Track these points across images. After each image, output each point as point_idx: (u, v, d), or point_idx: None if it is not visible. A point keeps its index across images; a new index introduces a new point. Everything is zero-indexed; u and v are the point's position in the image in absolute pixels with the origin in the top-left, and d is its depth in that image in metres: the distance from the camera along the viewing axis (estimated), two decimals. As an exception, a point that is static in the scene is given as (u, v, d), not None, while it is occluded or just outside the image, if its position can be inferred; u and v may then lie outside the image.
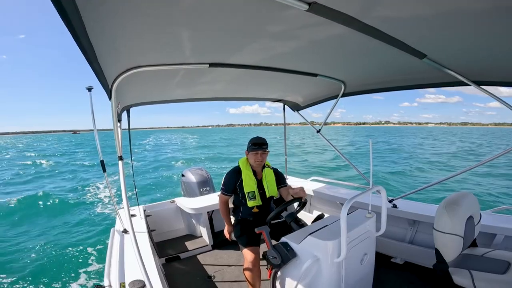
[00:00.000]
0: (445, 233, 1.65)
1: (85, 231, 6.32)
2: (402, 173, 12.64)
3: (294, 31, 1.28)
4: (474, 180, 10.84)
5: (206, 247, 3.09)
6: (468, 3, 0.95)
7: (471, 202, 1.81)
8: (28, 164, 19.87)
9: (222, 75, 2.07)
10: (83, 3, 0.79)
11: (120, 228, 2.28)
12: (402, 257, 2.57)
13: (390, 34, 1.24)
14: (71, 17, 0.80)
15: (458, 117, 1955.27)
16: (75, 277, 4.24)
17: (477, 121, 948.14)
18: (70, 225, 6.76)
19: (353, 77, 2.32)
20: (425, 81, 2.17)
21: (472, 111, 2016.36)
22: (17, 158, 25.08)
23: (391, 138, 48.24)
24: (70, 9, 0.77)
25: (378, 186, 1.73)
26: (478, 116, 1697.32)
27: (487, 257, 1.77)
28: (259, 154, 2.18)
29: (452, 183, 9.55)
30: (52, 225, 6.81)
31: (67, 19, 0.79)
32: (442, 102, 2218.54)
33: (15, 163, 21.08)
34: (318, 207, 3.52)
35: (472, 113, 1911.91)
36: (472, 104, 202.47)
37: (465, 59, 1.59)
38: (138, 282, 1.43)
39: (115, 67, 1.48)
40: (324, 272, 1.54)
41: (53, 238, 5.95)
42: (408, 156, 20.14)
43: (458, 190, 2.87)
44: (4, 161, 23.35)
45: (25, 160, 22.81)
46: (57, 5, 0.72)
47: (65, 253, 5.14)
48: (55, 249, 5.32)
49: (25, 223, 7.02)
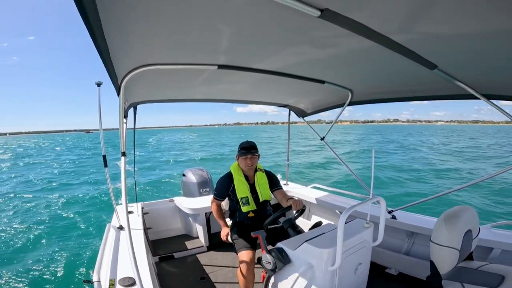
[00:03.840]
0: (442, 245, 1.63)
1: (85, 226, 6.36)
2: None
3: (305, 38, 1.28)
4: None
5: (202, 247, 3.09)
6: (481, 18, 0.95)
7: (470, 216, 1.79)
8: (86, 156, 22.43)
9: (229, 77, 2.08)
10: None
11: (116, 224, 2.29)
12: (396, 268, 2.54)
13: (401, 43, 1.23)
14: (89, 12, 0.81)
15: (470, 114, 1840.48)
16: (65, 272, 4.25)
17: (489, 119, 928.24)
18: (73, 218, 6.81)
19: (360, 85, 2.31)
20: (433, 92, 2.14)
21: (485, 108, 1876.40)
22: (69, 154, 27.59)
23: (380, 137, 47.68)
24: (89, 3, 0.78)
25: (378, 197, 1.72)
26: (490, 113, 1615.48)
27: (481, 271, 1.75)
28: (248, 158, 2.19)
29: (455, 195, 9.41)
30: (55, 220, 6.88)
31: (84, 13, 0.80)
32: None
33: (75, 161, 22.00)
34: (317, 214, 3.50)
35: (484, 110, 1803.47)
36: (485, 102, 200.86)
37: (476, 72, 1.57)
38: (128, 279, 1.42)
39: (126, 64, 1.50)
40: (318, 280, 1.53)
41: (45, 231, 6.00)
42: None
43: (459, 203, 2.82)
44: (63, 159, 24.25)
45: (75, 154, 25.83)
46: (77, 1, 0.73)
47: (59, 248, 5.17)
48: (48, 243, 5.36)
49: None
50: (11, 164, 20.87)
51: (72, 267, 4.36)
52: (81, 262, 4.52)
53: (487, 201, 8.40)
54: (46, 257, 4.71)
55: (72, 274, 4.17)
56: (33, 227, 6.21)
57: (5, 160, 24.13)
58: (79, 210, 7.51)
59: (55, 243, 5.33)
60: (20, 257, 4.74)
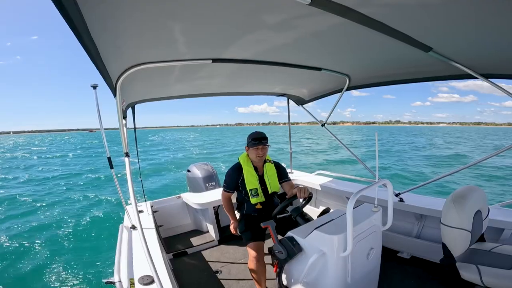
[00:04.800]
0: (452, 227, 1.63)
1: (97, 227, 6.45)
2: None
3: (297, 25, 1.26)
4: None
5: (213, 242, 3.12)
6: None
7: (479, 196, 1.78)
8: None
9: (225, 70, 2.06)
10: (83, 1, 0.79)
11: (128, 224, 2.31)
12: (408, 252, 2.55)
13: (394, 27, 1.21)
14: (72, 15, 0.80)
15: (473, 116, 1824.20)
16: (84, 273, 4.32)
17: (491, 120, 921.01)
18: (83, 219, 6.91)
19: (357, 70, 2.29)
20: (431, 74, 2.13)
21: (487, 110, 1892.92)
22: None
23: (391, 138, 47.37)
24: (71, 7, 0.77)
25: (385, 180, 1.71)
26: (493, 115, 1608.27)
27: (495, 252, 1.75)
28: (259, 149, 2.17)
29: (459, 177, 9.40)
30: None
31: (67, 16, 0.80)
32: (456, 101, 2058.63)
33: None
34: (324, 201, 3.51)
35: (487, 112, 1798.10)
36: (487, 103, 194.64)
37: (471, 52, 1.55)
38: (147, 278, 1.45)
39: (119, 65, 1.49)
40: (330, 267, 1.54)
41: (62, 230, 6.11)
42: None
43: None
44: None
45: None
46: (57, 4, 0.73)
47: (75, 248, 5.27)
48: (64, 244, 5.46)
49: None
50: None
51: (88, 269, 4.44)
52: (94, 264, 4.60)
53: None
54: (60, 260, 4.79)
55: (89, 275, 4.25)
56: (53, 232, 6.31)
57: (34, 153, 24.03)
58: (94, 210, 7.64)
59: (69, 245, 5.43)
60: (30, 261, 4.83)
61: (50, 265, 4.59)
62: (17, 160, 22.63)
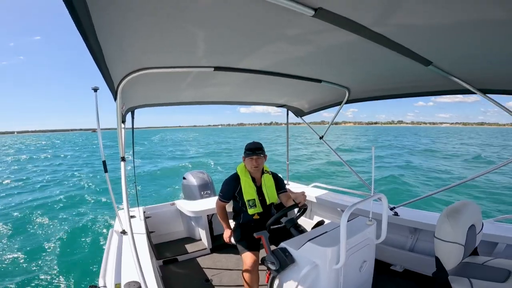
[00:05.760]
0: (446, 241, 1.63)
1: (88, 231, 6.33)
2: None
3: (300, 37, 1.28)
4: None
5: (205, 250, 3.08)
6: (474, 11, 0.94)
7: (473, 210, 1.79)
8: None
9: (226, 79, 2.07)
10: (93, 2, 0.80)
11: (119, 229, 2.28)
12: (401, 265, 2.54)
13: (395, 40, 1.23)
14: (81, 17, 0.81)
15: (476, 116, 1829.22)
16: (70, 277, 4.22)
17: (495, 121, 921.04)
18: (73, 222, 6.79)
19: (357, 83, 2.31)
20: (430, 88, 2.15)
21: (491, 110, 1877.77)
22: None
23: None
24: (81, 8, 0.77)
25: (380, 194, 1.71)
26: (496, 115, 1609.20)
27: (487, 266, 1.74)
28: (254, 159, 2.17)
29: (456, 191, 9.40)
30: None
31: (77, 18, 0.80)
32: (460, 101, 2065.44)
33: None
34: (319, 213, 3.50)
35: (490, 112, 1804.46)
36: (490, 103, 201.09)
37: (470, 67, 1.58)
38: (134, 284, 1.42)
39: (122, 69, 1.49)
40: (322, 279, 1.52)
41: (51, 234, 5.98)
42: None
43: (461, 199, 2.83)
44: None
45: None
46: (68, 4, 0.73)
47: (62, 253, 5.15)
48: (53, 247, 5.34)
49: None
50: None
51: (77, 273, 4.33)
52: (85, 268, 4.49)
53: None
54: (49, 263, 4.68)
55: (77, 280, 4.15)
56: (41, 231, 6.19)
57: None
58: (81, 213, 7.51)
59: (58, 249, 5.30)
60: (21, 264, 4.71)
61: (36, 270, 4.47)
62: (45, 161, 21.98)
